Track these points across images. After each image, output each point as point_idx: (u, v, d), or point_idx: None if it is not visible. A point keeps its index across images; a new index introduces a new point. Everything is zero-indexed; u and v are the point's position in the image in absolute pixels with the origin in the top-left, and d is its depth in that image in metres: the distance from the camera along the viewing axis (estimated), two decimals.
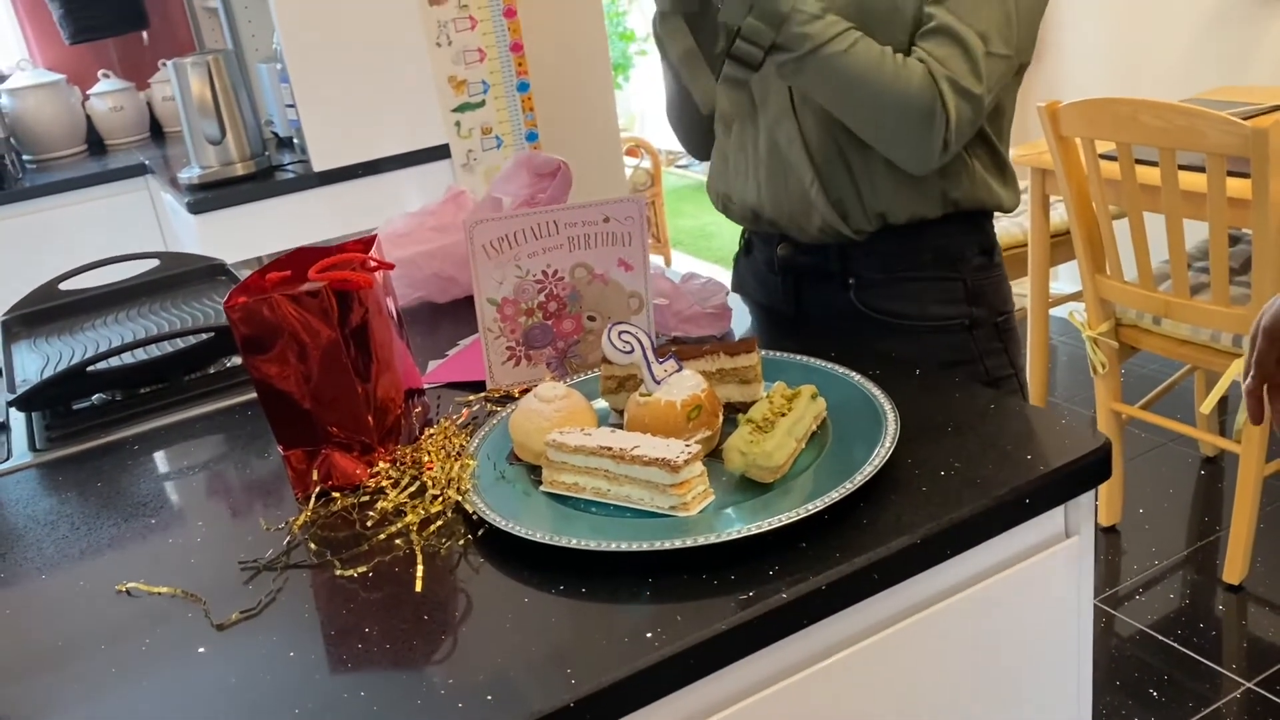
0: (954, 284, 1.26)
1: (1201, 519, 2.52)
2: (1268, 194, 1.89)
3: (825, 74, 1.11)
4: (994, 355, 1.29)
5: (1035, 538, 0.92)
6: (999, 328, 1.30)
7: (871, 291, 1.27)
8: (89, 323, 1.52)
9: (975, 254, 1.27)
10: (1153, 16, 3.12)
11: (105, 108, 3.43)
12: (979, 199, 1.24)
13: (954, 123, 1.12)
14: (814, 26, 1.09)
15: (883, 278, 1.27)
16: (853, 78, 1.10)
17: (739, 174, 1.32)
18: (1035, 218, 2.60)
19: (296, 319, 0.97)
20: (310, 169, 2.54)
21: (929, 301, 1.26)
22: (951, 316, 1.27)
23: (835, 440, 0.96)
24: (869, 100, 1.12)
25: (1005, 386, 1.30)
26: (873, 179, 1.22)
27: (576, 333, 1.19)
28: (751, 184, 1.30)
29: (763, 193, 1.28)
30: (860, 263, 1.27)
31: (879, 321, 1.27)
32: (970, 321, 1.27)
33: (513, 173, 1.37)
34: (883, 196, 1.22)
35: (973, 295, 1.27)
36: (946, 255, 1.26)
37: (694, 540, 0.83)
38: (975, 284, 1.27)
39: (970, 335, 1.27)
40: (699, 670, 0.76)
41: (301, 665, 0.79)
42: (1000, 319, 1.30)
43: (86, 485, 1.15)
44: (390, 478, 1.01)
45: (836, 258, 1.27)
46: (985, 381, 1.28)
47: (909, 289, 1.26)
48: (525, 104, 2.63)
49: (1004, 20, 1.12)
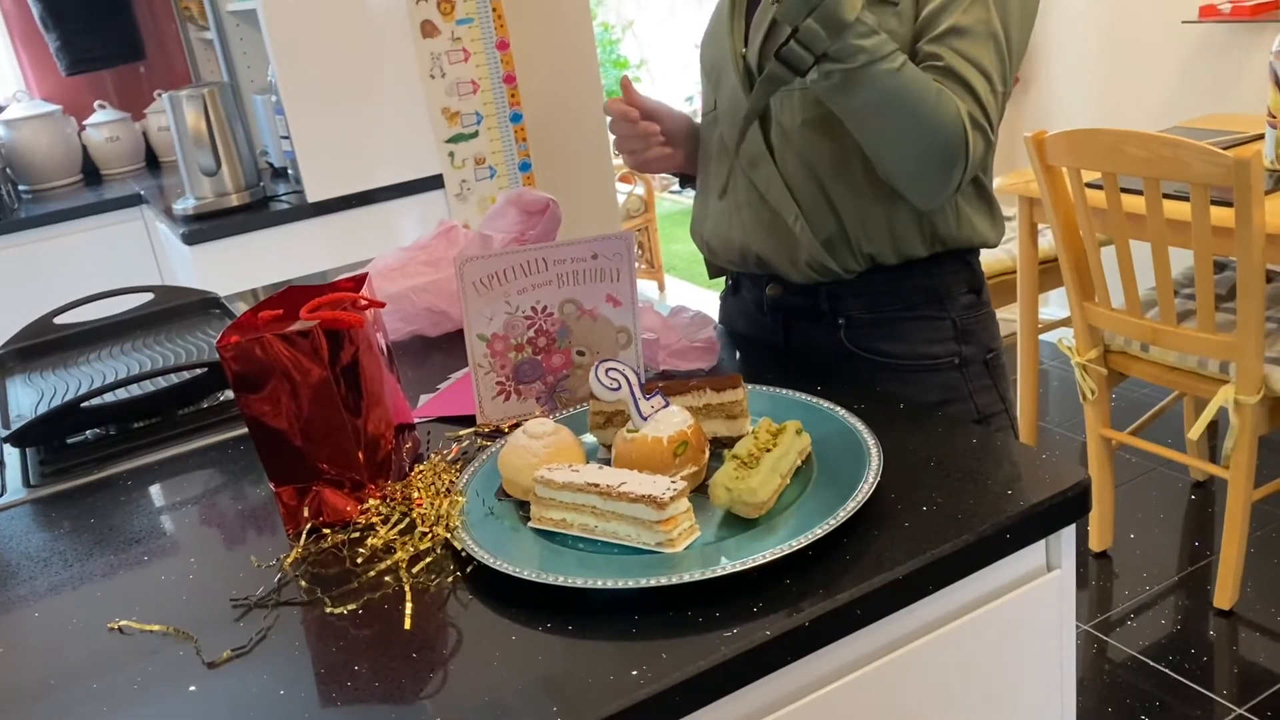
0: (943, 323, 1.27)
1: (1192, 544, 2.53)
2: (1250, 223, 1.92)
3: (872, 91, 1.08)
4: (984, 392, 1.30)
5: (1017, 572, 0.93)
6: (988, 364, 1.30)
7: (861, 331, 1.28)
8: (84, 357, 1.53)
9: (963, 292, 1.28)
10: (1138, 46, 3.16)
11: (101, 138, 3.46)
12: (966, 237, 1.25)
13: (972, 158, 1.12)
14: (871, 40, 1.05)
15: (872, 317, 1.27)
16: (898, 99, 1.08)
17: (721, 217, 1.32)
18: (1024, 245, 2.62)
19: (288, 358, 0.98)
20: (305, 199, 2.56)
21: (918, 340, 1.27)
22: (940, 355, 1.27)
23: (820, 475, 0.97)
24: (909, 125, 1.10)
25: (996, 423, 1.31)
26: (861, 217, 1.22)
27: (566, 367, 1.21)
28: (736, 226, 1.30)
29: (748, 233, 1.29)
30: (849, 302, 1.27)
31: (869, 361, 1.28)
32: (960, 360, 1.28)
33: (502, 210, 1.38)
34: (871, 236, 1.23)
35: (962, 334, 1.28)
36: (935, 294, 1.27)
37: (679, 578, 0.84)
38: (964, 322, 1.28)
39: (961, 374, 1.28)
40: (684, 708, 0.77)
41: (291, 704, 0.80)
42: (989, 355, 1.30)
43: (80, 521, 1.16)
44: (380, 514, 1.02)
45: (826, 298, 1.28)
46: (976, 419, 1.29)
47: (898, 328, 1.27)
48: (518, 134, 2.66)
49: (1000, 59, 1.14)
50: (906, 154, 1.13)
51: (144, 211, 3.08)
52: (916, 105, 1.09)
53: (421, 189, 2.62)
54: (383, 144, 2.57)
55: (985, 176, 1.27)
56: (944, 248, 1.25)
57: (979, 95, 1.12)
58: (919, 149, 1.11)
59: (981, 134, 1.13)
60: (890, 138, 1.12)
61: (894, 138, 1.12)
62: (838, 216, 1.23)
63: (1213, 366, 2.17)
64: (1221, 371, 2.15)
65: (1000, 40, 1.14)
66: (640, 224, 4.80)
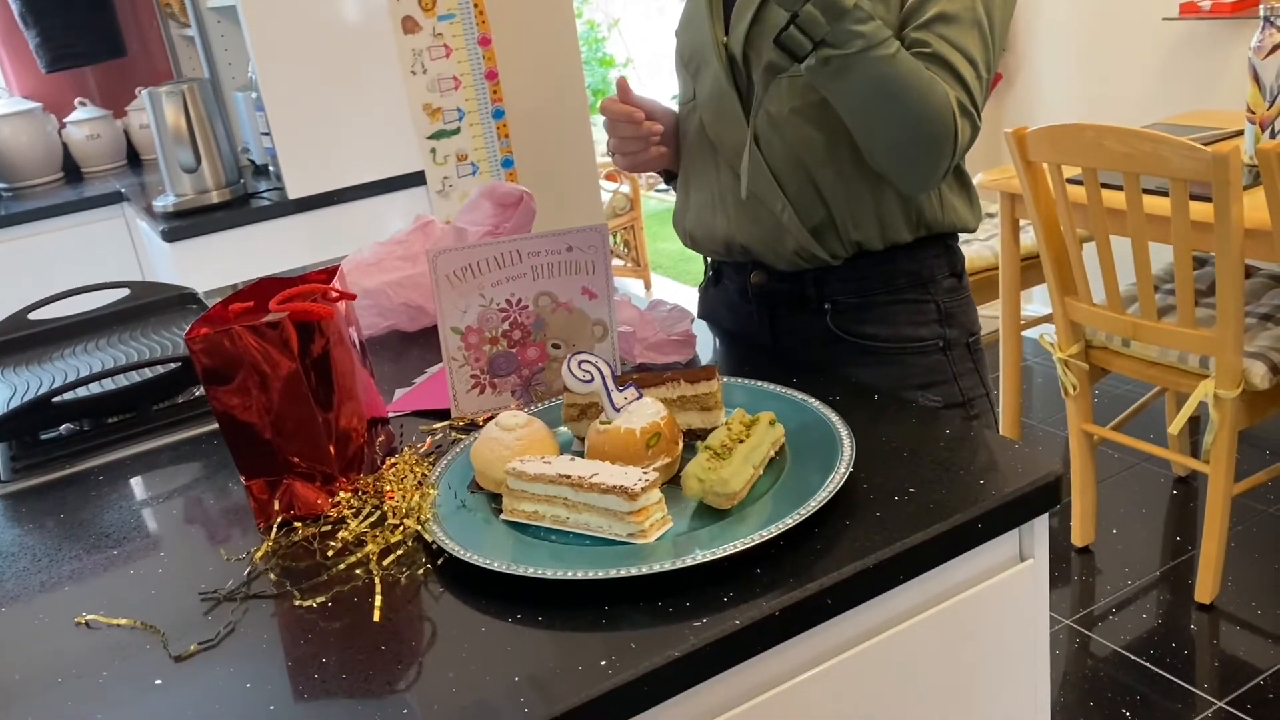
0: (927, 306, 1.28)
1: (1174, 539, 2.54)
2: (1229, 217, 1.92)
3: (867, 77, 1.08)
4: (967, 375, 1.31)
5: (990, 562, 0.93)
6: (970, 348, 1.32)
7: (847, 316, 1.28)
8: (58, 352, 1.52)
9: (946, 276, 1.29)
10: (1119, 44, 3.17)
11: (82, 135, 3.44)
12: (950, 221, 1.26)
13: (960, 144, 1.14)
14: (868, 26, 1.07)
15: (858, 301, 1.28)
16: (893, 85, 1.08)
17: (705, 208, 1.32)
18: (1005, 241, 2.62)
19: (257, 350, 0.97)
20: (286, 196, 2.55)
21: (904, 324, 1.28)
22: (926, 338, 1.28)
23: (792, 466, 0.97)
24: (902, 111, 1.10)
25: (978, 406, 1.32)
26: (849, 205, 1.23)
27: (541, 360, 1.20)
28: (720, 218, 1.30)
29: (733, 224, 1.29)
30: (836, 287, 1.28)
31: (855, 345, 1.28)
32: (945, 343, 1.29)
33: (476, 203, 1.38)
34: (859, 223, 1.23)
35: (945, 316, 1.29)
36: (919, 278, 1.28)
37: (649, 568, 0.83)
38: (947, 306, 1.29)
39: (945, 356, 1.29)
40: (652, 698, 0.76)
41: (258, 696, 0.79)
42: (971, 339, 1.32)
43: (49, 517, 1.15)
44: (352, 507, 1.01)
45: (813, 283, 1.28)
46: (960, 402, 1.30)
47: (884, 312, 1.28)
48: (501, 130, 2.65)
49: (984, 46, 1.15)
50: (898, 140, 1.13)
51: (125, 209, 3.06)
52: (909, 92, 1.09)
53: (403, 185, 2.61)
54: (364, 141, 2.56)
55: (963, 163, 1.28)
56: (928, 232, 1.26)
57: (966, 82, 1.13)
58: (911, 135, 1.12)
59: (969, 120, 1.14)
60: (883, 124, 1.13)
61: (887, 124, 1.12)
62: (825, 204, 1.23)
63: (1193, 361, 2.17)
64: (1201, 366, 2.16)
65: (984, 27, 1.14)
66: (626, 222, 4.80)
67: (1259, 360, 2.09)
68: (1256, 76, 2.17)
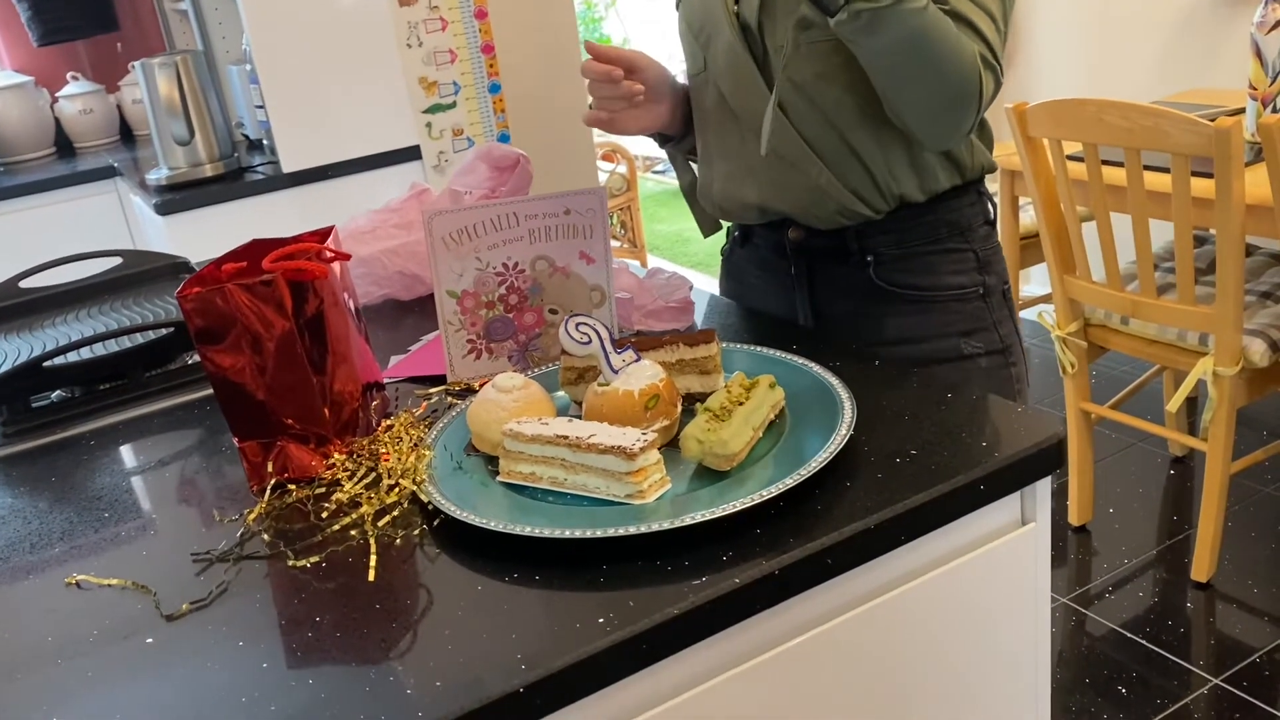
0: (966, 254, 1.28)
1: (1171, 518, 2.54)
2: (1230, 193, 1.91)
3: (900, 30, 1.06)
4: (1005, 323, 1.31)
5: (991, 525, 0.92)
6: (1005, 295, 1.32)
7: (889, 266, 1.27)
8: (49, 320, 1.51)
9: (981, 224, 1.30)
10: (1123, 21, 3.15)
11: (74, 110, 3.41)
12: (980, 164, 1.27)
13: (985, 98, 1.13)
14: None
15: (900, 253, 1.27)
16: (924, 38, 1.06)
17: (732, 179, 1.30)
18: (1005, 219, 2.61)
19: (250, 309, 0.96)
20: (280, 170, 2.53)
21: (945, 272, 1.27)
22: (966, 286, 1.28)
23: (793, 429, 0.96)
24: (932, 65, 1.09)
25: (1014, 354, 1.32)
26: (887, 162, 1.22)
27: (538, 326, 1.19)
28: (751, 187, 1.28)
29: (766, 192, 1.27)
30: (878, 240, 1.26)
31: (897, 295, 1.27)
32: (984, 290, 1.29)
33: (471, 166, 1.36)
34: (899, 177, 1.22)
35: (983, 264, 1.29)
36: (958, 227, 1.27)
37: (647, 527, 0.82)
38: (984, 253, 1.29)
39: (985, 303, 1.29)
40: (650, 656, 0.75)
41: (250, 655, 0.78)
42: (1005, 287, 1.32)
43: (40, 481, 1.13)
44: (346, 469, 1.00)
45: (854, 237, 1.27)
46: (1000, 349, 1.30)
47: (925, 262, 1.27)
48: (497, 105, 2.63)
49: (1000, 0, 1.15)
50: (927, 95, 1.12)
51: (118, 184, 3.04)
52: (939, 45, 1.08)
53: (398, 160, 2.59)
54: (359, 114, 2.54)
55: None
56: (962, 179, 1.26)
57: (985, 36, 1.12)
58: (940, 90, 1.11)
59: (992, 74, 1.13)
60: (913, 79, 1.11)
61: (917, 79, 1.11)
62: (863, 163, 1.22)
63: (1192, 339, 2.17)
64: (1200, 344, 2.15)
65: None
66: (623, 203, 4.78)
67: (1258, 338, 2.08)
68: (1259, 52, 2.15)
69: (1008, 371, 1.30)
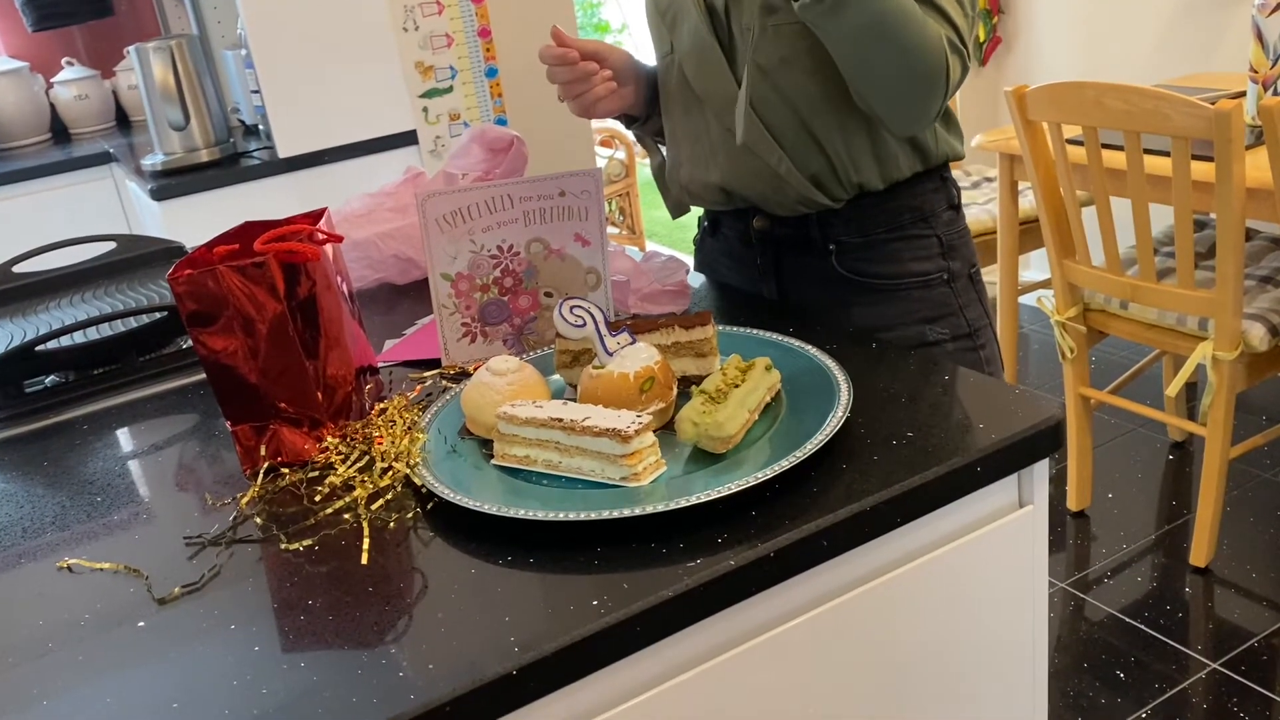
0: (929, 240, 1.27)
1: (1169, 503, 2.53)
2: (1231, 176, 1.90)
3: (864, 13, 1.06)
4: (972, 306, 1.30)
5: (989, 507, 0.91)
6: (972, 279, 1.31)
7: (852, 255, 1.27)
8: (43, 305, 1.50)
9: (945, 209, 1.29)
10: (1122, 4, 3.13)
11: (70, 96, 3.39)
12: (943, 151, 1.26)
13: (951, 83, 1.12)
14: None
15: (862, 240, 1.26)
16: (888, 21, 1.06)
17: (698, 162, 1.30)
18: (1004, 204, 2.60)
19: (242, 291, 0.95)
20: (276, 155, 2.51)
21: (908, 259, 1.27)
22: (930, 272, 1.27)
23: (789, 411, 0.95)
24: (897, 49, 1.08)
25: (983, 336, 1.31)
26: (847, 150, 1.21)
27: (533, 309, 1.18)
28: (714, 171, 1.28)
29: (728, 176, 1.27)
30: (839, 229, 1.26)
31: (860, 284, 1.27)
32: (948, 275, 1.28)
33: (466, 148, 1.35)
34: (859, 166, 1.22)
35: (947, 249, 1.29)
36: (920, 213, 1.27)
37: (642, 509, 0.82)
38: (948, 238, 1.29)
39: (950, 289, 1.29)
40: (645, 638, 0.75)
41: (242, 638, 0.78)
42: (972, 270, 1.31)
43: (33, 465, 1.13)
44: (340, 453, 0.99)
45: (816, 225, 1.27)
46: (966, 333, 1.29)
47: (888, 249, 1.27)
48: (494, 90, 2.61)
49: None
50: (893, 79, 1.11)
51: (113, 170, 3.02)
52: (904, 28, 1.07)
53: (395, 145, 2.57)
54: (355, 99, 2.52)
55: None
56: (924, 166, 1.25)
57: (952, 18, 1.12)
58: (906, 73, 1.10)
59: (959, 58, 1.13)
60: (878, 62, 1.11)
61: (881, 62, 1.10)
62: (823, 151, 1.21)
63: (1191, 324, 2.16)
64: (1200, 328, 2.14)
65: None
66: (621, 189, 4.76)
67: (1258, 322, 2.08)
68: (1260, 35, 2.14)
69: (975, 355, 1.29)
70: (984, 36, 3.41)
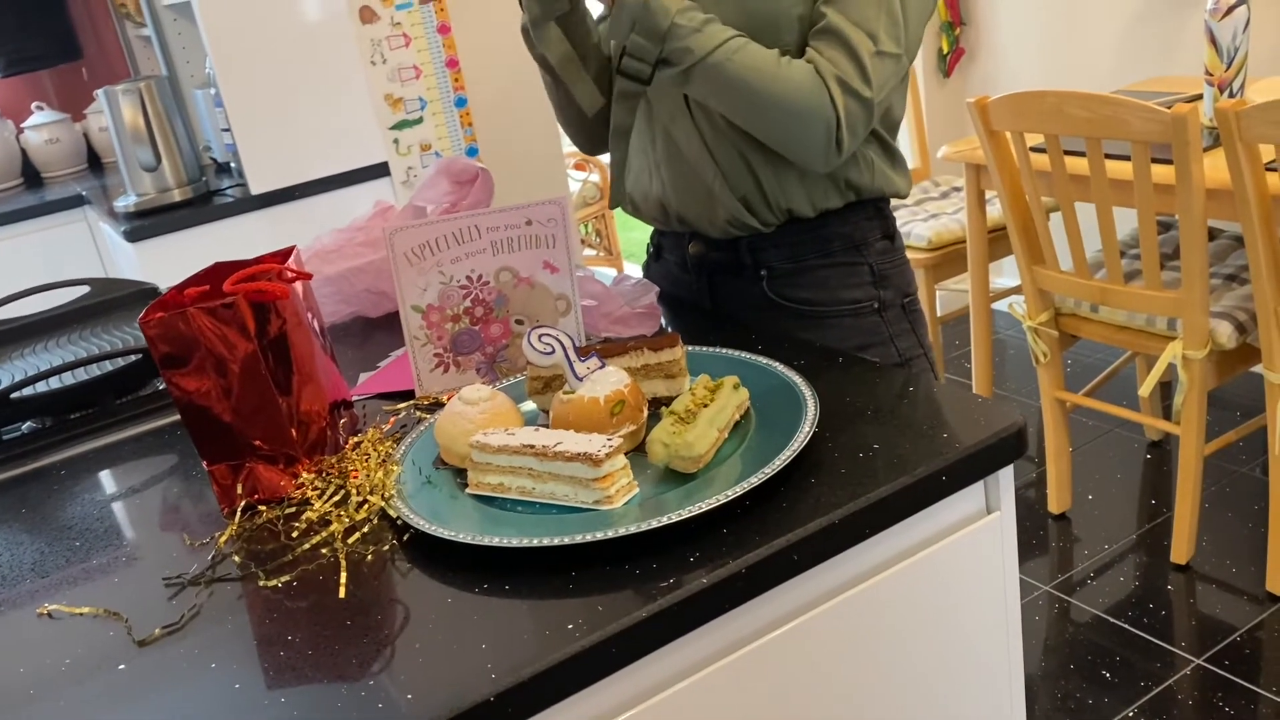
0: (860, 268, 1.29)
1: (1149, 502, 2.56)
2: (1190, 178, 1.94)
3: (712, 83, 1.13)
4: (904, 336, 1.32)
5: (956, 515, 0.93)
6: (905, 309, 1.33)
7: (782, 281, 1.30)
8: (17, 351, 1.50)
9: (878, 239, 1.31)
10: (1082, 12, 3.18)
11: (40, 140, 3.39)
12: (879, 187, 1.28)
13: (845, 122, 1.13)
14: (695, 40, 1.11)
15: (793, 267, 1.29)
16: (738, 84, 1.12)
17: (643, 174, 1.34)
18: (972, 213, 2.63)
19: (213, 332, 0.96)
20: (248, 192, 2.52)
21: (838, 287, 1.29)
22: (860, 300, 1.30)
23: (758, 429, 0.97)
24: (757, 104, 1.13)
25: (917, 366, 1.33)
26: (776, 175, 1.24)
27: (505, 337, 1.20)
28: (656, 182, 1.32)
29: (668, 190, 1.31)
30: (770, 254, 1.29)
31: (792, 310, 1.30)
32: (880, 304, 1.31)
33: (433, 181, 1.37)
34: (787, 191, 1.25)
35: (879, 278, 1.31)
36: (851, 241, 1.29)
37: (615, 532, 0.83)
38: (880, 267, 1.31)
39: (880, 317, 1.31)
40: (620, 660, 0.76)
41: (223, 676, 0.78)
42: (906, 300, 1.33)
43: (11, 513, 1.13)
44: (316, 488, 1.00)
45: (747, 250, 1.29)
46: (898, 362, 1.31)
47: (818, 276, 1.29)
48: (464, 119, 2.63)
49: (891, 21, 1.14)
50: (765, 127, 1.16)
51: (87, 212, 3.03)
52: (756, 84, 1.12)
53: (367, 177, 2.59)
54: (326, 134, 2.54)
55: (891, 135, 1.29)
56: (857, 197, 1.27)
57: (858, 55, 1.12)
58: (778, 120, 1.14)
59: (854, 96, 1.13)
60: (746, 116, 1.16)
61: (749, 116, 1.16)
62: (754, 175, 1.24)
63: (1160, 324, 2.19)
64: (1169, 328, 2.17)
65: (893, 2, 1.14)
66: (596, 211, 4.78)
67: (1225, 320, 2.11)
68: (1213, 39, 2.18)
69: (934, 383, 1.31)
70: (947, 49, 3.45)
